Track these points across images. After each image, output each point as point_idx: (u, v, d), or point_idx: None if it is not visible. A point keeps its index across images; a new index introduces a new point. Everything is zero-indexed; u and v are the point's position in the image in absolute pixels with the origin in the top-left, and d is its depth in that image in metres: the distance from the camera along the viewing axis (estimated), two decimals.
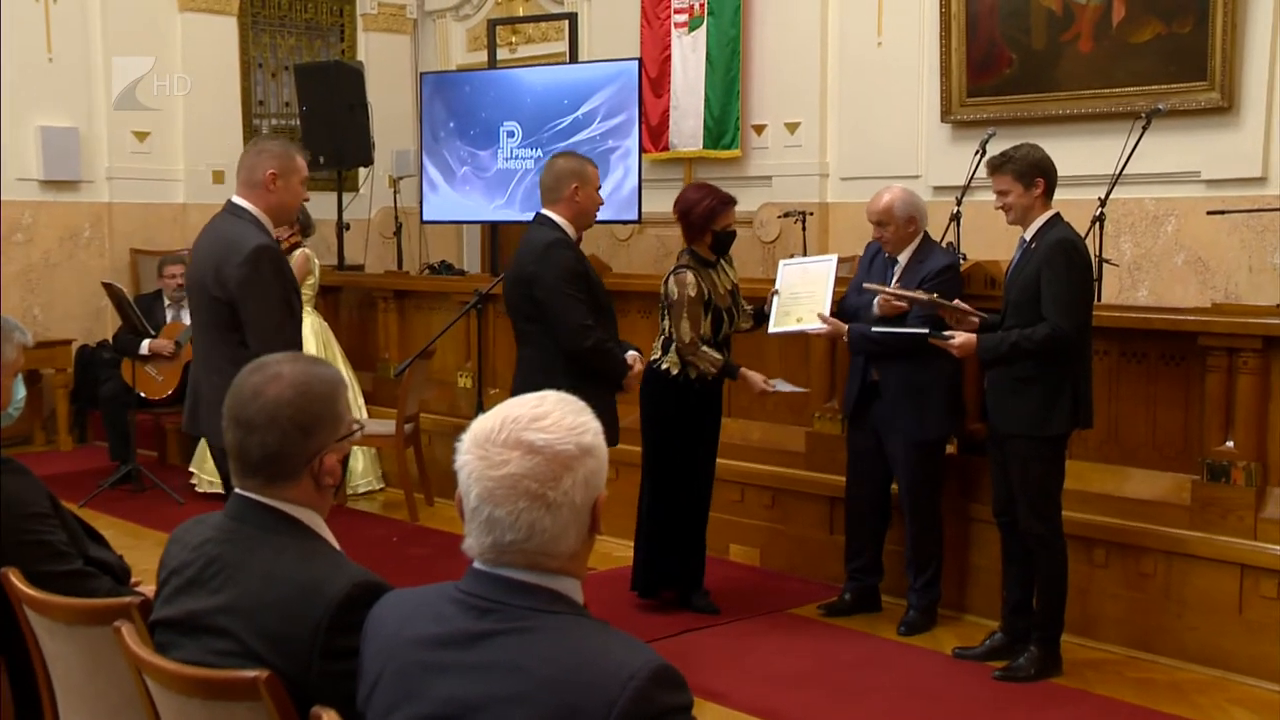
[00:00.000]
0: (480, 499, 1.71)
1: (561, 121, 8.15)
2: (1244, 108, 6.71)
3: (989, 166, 4.52)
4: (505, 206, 8.40)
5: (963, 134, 7.66)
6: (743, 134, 8.72)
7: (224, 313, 3.85)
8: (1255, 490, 4.51)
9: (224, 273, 3.82)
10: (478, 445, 1.73)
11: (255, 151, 3.98)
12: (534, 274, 4.44)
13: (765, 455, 5.88)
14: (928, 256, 4.90)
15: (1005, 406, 4.43)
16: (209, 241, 3.98)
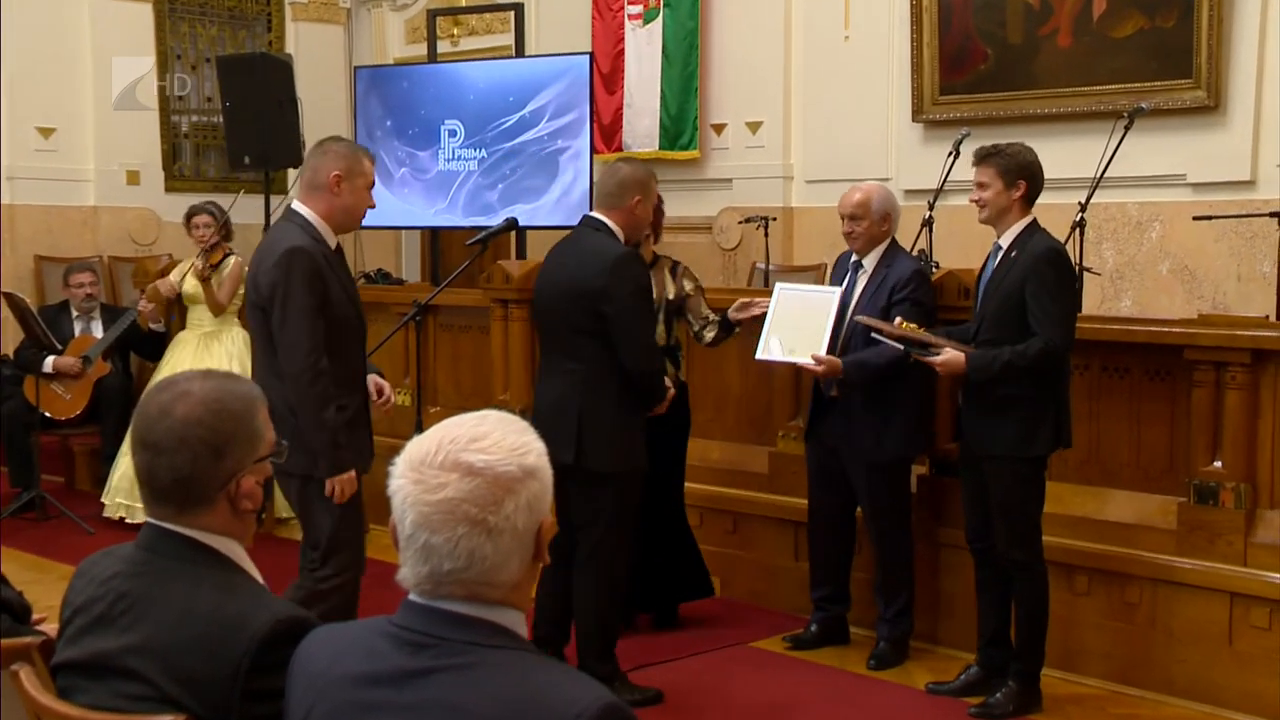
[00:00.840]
0: (416, 525, 1.71)
1: (507, 120, 8.15)
2: (1231, 106, 6.82)
3: (976, 155, 4.56)
4: (447, 211, 8.39)
5: (935, 134, 7.73)
6: (701, 134, 8.76)
7: (263, 319, 3.96)
8: (1245, 513, 4.58)
9: (260, 277, 3.95)
10: (413, 468, 1.72)
11: (320, 151, 4.02)
12: (604, 288, 4.38)
13: (725, 477, 5.90)
14: (894, 262, 4.94)
15: (984, 426, 4.47)
16: (260, 247, 4.09)
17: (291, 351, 3.90)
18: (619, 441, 4.48)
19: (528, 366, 6.51)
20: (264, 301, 3.94)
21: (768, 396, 5.85)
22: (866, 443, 4.90)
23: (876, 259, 4.97)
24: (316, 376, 3.91)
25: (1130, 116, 5.77)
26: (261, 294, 3.95)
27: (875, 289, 4.90)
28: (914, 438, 4.99)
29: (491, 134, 8.22)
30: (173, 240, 8.96)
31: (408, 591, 1.76)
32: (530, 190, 8.19)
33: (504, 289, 6.50)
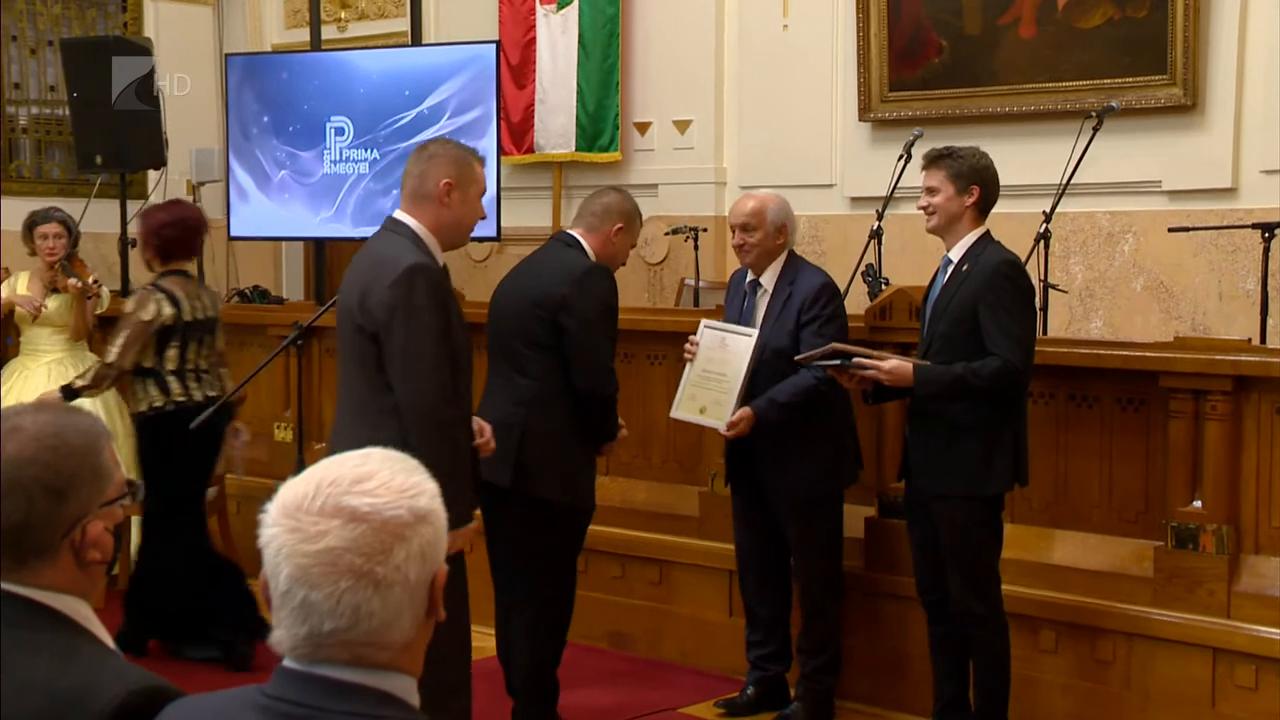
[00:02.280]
0: (292, 580, 1.69)
1: (402, 117, 8.12)
2: (1210, 106, 6.97)
3: (926, 158, 4.63)
4: (333, 220, 8.33)
5: (884, 135, 7.83)
6: (623, 134, 8.79)
7: (370, 349, 3.87)
8: (1228, 558, 4.66)
9: (373, 294, 3.86)
10: (288, 514, 1.71)
11: (426, 156, 4.02)
12: (566, 299, 4.55)
13: (651, 521, 5.91)
14: (798, 276, 4.97)
15: (936, 461, 4.51)
16: (358, 263, 4.02)
17: (421, 385, 3.83)
18: (566, 468, 4.59)
19: None
20: (376, 326, 3.85)
21: (698, 431, 5.87)
22: (788, 478, 4.93)
23: (776, 275, 5.00)
24: (455, 417, 3.88)
25: (1099, 116, 5.88)
26: (372, 317, 3.86)
27: (780, 310, 4.93)
28: (837, 468, 5.01)
29: (385, 132, 8.18)
30: (8, 252, 8.81)
31: (282, 656, 1.74)
32: None
33: None
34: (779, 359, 4.87)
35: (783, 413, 4.84)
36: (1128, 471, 4.92)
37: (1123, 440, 4.92)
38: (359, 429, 3.86)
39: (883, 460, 5.34)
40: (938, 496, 4.53)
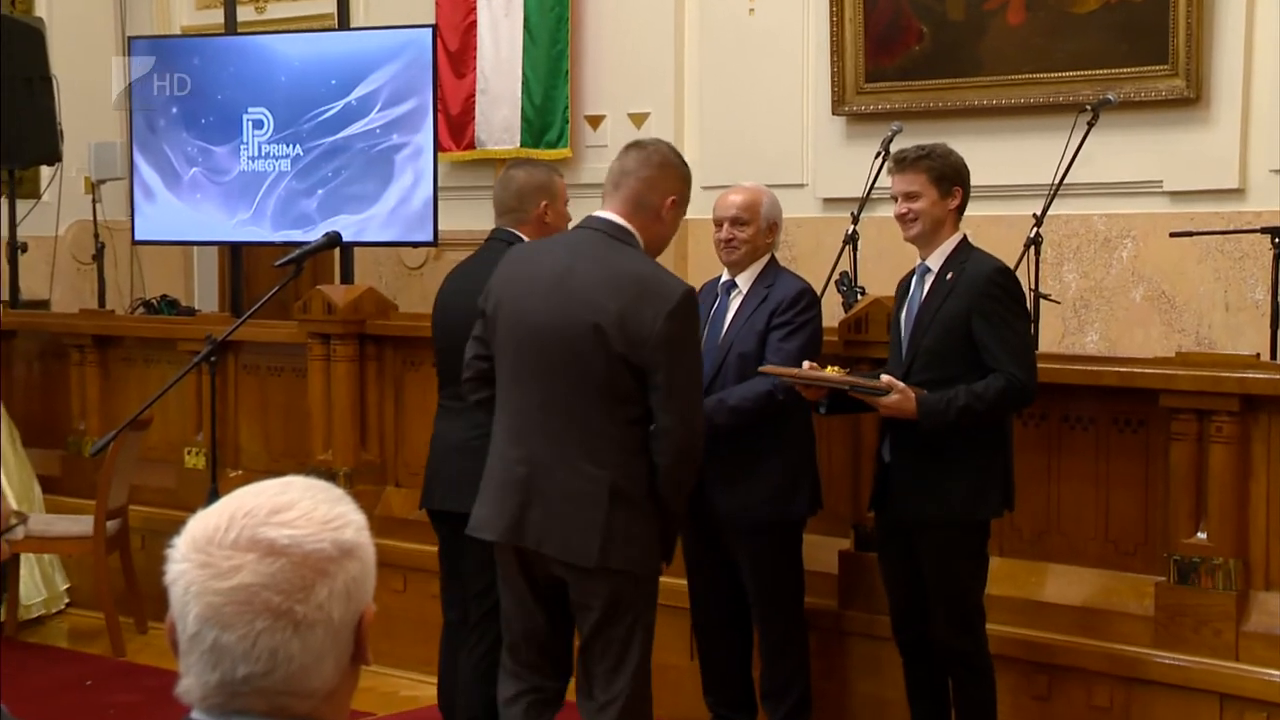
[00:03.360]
0: (202, 621, 1.69)
1: (329, 109, 8.11)
2: (1215, 99, 7.02)
3: (896, 161, 4.67)
4: (251, 222, 8.31)
5: (860, 130, 7.86)
6: (573, 128, 8.80)
7: (624, 378, 3.98)
8: (1236, 595, 4.69)
9: (641, 323, 3.96)
10: (198, 549, 1.71)
11: (657, 163, 4.25)
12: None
13: None
14: (777, 280, 5.00)
15: (923, 487, 4.53)
16: (593, 276, 4.04)
17: (694, 421, 4.12)
18: None
19: (355, 418, 6.48)
20: (645, 357, 3.96)
21: None
22: (735, 499, 4.90)
23: (754, 277, 5.02)
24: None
25: (1094, 110, 5.93)
26: (643, 348, 3.97)
27: (752, 312, 4.95)
28: (789, 495, 4.98)
29: (308, 126, 8.16)
30: None
31: (191, 707, 1.74)
32: (358, 198, 8.14)
33: (325, 321, 6.46)
34: (744, 364, 4.88)
35: (731, 417, 4.82)
36: (1125, 499, 4.96)
37: (1120, 465, 4.96)
38: (581, 462, 4.00)
39: (859, 489, 5.35)
40: (923, 525, 4.54)
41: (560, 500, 4.01)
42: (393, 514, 6.43)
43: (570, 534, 4.01)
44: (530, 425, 4.09)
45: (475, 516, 4.17)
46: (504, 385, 4.12)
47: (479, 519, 4.16)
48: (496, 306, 4.13)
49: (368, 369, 6.56)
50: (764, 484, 4.91)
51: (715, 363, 4.91)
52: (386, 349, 6.57)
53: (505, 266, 4.24)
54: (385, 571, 5.99)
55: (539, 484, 4.04)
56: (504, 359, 4.11)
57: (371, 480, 6.53)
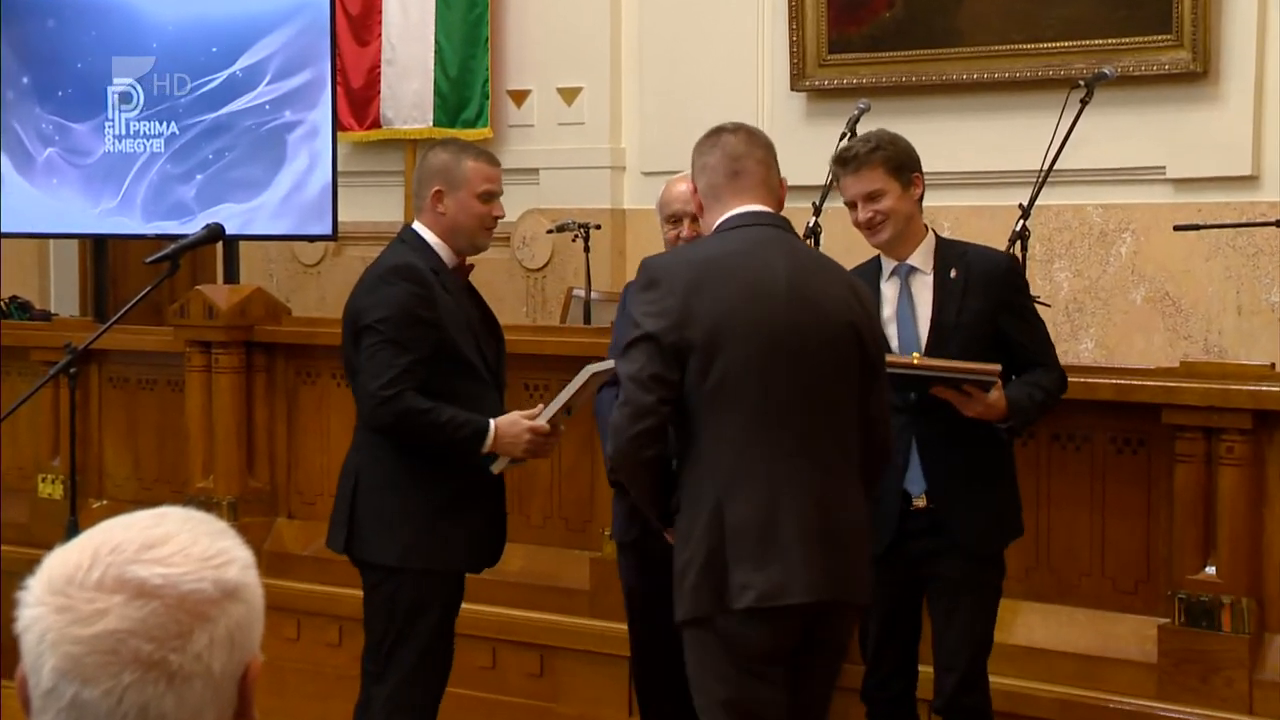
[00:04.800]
0: (59, 674, 1.67)
1: (210, 80, 8.07)
2: (1225, 74, 7.09)
3: (842, 161, 4.67)
4: (118, 212, 8.25)
5: (822, 108, 7.90)
6: (494, 105, 8.80)
7: (862, 385, 4.07)
8: (1249, 639, 4.72)
9: (875, 322, 4.25)
10: (56, 590, 1.69)
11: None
12: (359, 309, 4.80)
13: (529, 595, 5.91)
14: None
15: (961, 516, 4.51)
16: (811, 266, 4.12)
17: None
18: (392, 529, 4.73)
19: (240, 439, 6.45)
20: (878, 351, 4.16)
21: (589, 482, 5.88)
22: None
23: None
24: None
25: (1089, 86, 5.96)
26: (879, 342, 4.21)
27: None
28: None
29: (185, 101, 8.12)
30: None
31: None
32: (244, 184, 8.11)
33: (206, 326, 6.42)
34: None
35: None
36: (1124, 530, 4.98)
37: (1117, 491, 4.99)
38: (852, 491, 4.02)
39: None
40: (949, 553, 4.51)
41: (848, 542, 4.00)
42: (285, 550, 6.40)
43: (857, 574, 4.04)
44: (807, 462, 3.98)
45: (768, 582, 3.91)
46: (743, 423, 3.95)
47: (774, 584, 3.91)
48: (718, 332, 3.93)
49: (255, 382, 6.52)
50: None
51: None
52: (278, 359, 6.54)
53: (696, 284, 3.99)
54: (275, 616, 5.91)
55: (832, 531, 3.97)
56: (741, 389, 3.94)
57: (260, 511, 6.49)
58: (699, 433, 3.92)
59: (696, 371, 3.89)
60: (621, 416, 3.92)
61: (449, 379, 4.71)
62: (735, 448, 3.91)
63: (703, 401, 3.90)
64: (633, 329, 3.95)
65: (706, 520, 3.89)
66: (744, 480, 3.91)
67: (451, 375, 4.71)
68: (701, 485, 3.93)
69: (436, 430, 4.64)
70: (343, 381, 5.62)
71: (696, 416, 3.91)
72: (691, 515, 3.93)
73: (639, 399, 3.88)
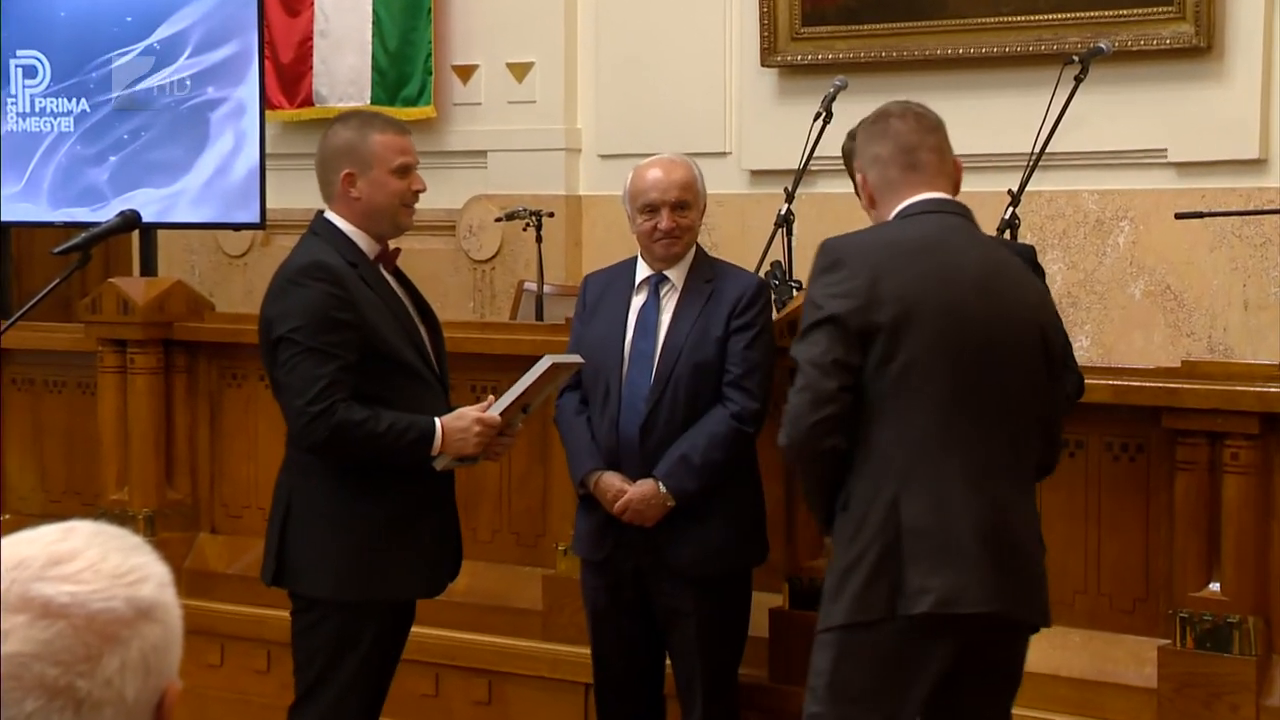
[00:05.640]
0: None
1: (124, 53, 8.03)
2: (1230, 49, 7.11)
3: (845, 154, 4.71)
4: (22, 197, 8.20)
5: (795, 85, 7.91)
6: (438, 81, 8.79)
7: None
8: (1256, 662, 4.73)
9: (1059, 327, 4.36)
10: None
11: None
12: (269, 318, 4.74)
13: (476, 616, 5.90)
14: (716, 273, 5.08)
15: None
16: (1007, 262, 4.22)
17: None
18: (325, 558, 4.70)
19: (158, 446, 6.42)
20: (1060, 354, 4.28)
21: (541, 491, 5.87)
22: (687, 552, 4.97)
23: (687, 269, 5.07)
24: None
25: (1084, 62, 5.98)
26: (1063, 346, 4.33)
27: (700, 313, 4.99)
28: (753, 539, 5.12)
29: (97, 75, 8.08)
30: None
31: None
32: (163, 167, 8.08)
33: (121, 323, 6.39)
34: (699, 377, 4.92)
35: (704, 478, 4.92)
36: (1122, 544, 5.00)
37: (1114, 501, 5.00)
38: (1029, 503, 4.15)
39: (794, 531, 5.39)
40: None
41: (1026, 552, 4.08)
42: (207, 568, 6.38)
43: (1035, 591, 4.12)
44: (985, 460, 4.03)
45: (947, 587, 3.94)
46: (925, 413, 3.98)
47: (953, 589, 3.94)
48: (907, 315, 3.96)
49: (175, 384, 6.50)
50: (724, 527, 5.01)
51: (662, 375, 4.97)
52: (200, 359, 6.51)
53: (884, 265, 4.02)
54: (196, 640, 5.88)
55: (1008, 536, 4.03)
56: (926, 378, 3.97)
57: (179, 525, 6.48)
58: (875, 423, 3.94)
59: (879, 357, 3.92)
60: (801, 403, 3.93)
61: (384, 382, 4.67)
62: (915, 440, 3.94)
63: (883, 389, 3.92)
64: (813, 311, 3.95)
65: (881, 518, 3.91)
66: (923, 476, 3.95)
67: (386, 377, 4.67)
68: (875, 479, 3.95)
69: (377, 440, 4.60)
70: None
71: (874, 405, 3.93)
72: (861, 512, 3.95)
73: (821, 384, 3.89)
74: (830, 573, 4.04)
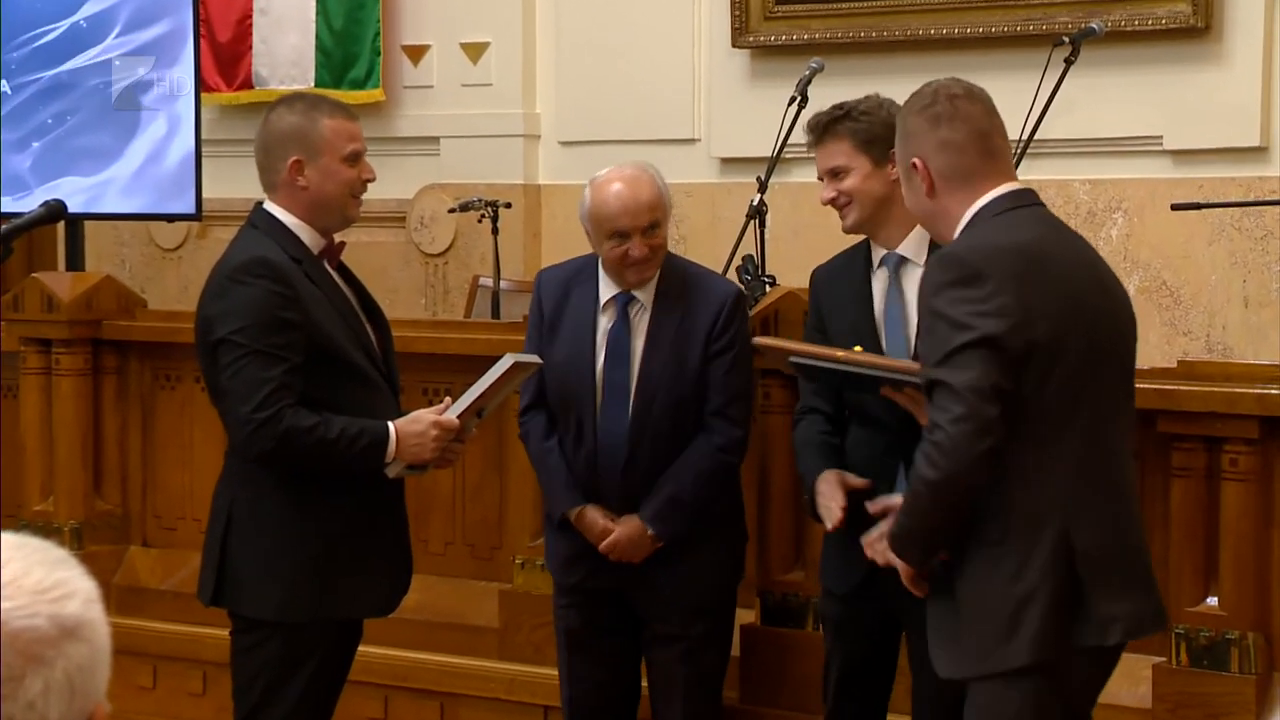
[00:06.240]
0: None
1: (47, 32, 8.02)
2: (1229, 30, 7.13)
3: (810, 129, 4.71)
4: None
5: (769, 67, 7.92)
6: (386, 63, 8.78)
7: None
8: (1256, 680, 4.75)
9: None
10: None
11: None
12: (208, 319, 4.69)
13: (428, 634, 5.91)
14: (687, 284, 5.02)
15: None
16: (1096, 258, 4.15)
17: None
18: (270, 576, 4.66)
19: (86, 453, 6.40)
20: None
21: (497, 501, 5.87)
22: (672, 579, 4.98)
23: (654, 286, 5.01)
24: None
25: (1074, 43, 6.01)
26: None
27: (673, 337, 4.96)
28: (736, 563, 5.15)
29: (18, 55, 8.06)
30: None
31: None
32: (90, 154, 8.06)
33: (45, 321, 6.37)
34: (679, 415, 4.92)
35: (690, 519, 4.93)
36: None
37: None
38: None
39: (767, 544, 5.41)
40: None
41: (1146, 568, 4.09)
42: (139, 583, 6.37)
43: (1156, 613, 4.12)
44: (1125, 472, 4.07)
45: (1131, 613, 3.97)
46: (1080, 431, 3.95)
47: (1135, 615, 3.98)
48: (1058, 330, 3.91)
49: (104, 386, 6.48)
50: (710, 557, 5.03)
51: (640, 411, 4.94)
52: (131, 359, 6.50)
53: (1024, 276, 3.95)
54: (127, 661, 5.89)
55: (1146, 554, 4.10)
56: (1082, 396, 3.95)
57: (109, 538, 6.46)
58: (1030, 448, 3.87)
59: (1036, 377, 3.85)
60: (962, 433, 3.78)
61: (331, 385, 4.63)
62: (1077, 463, 3.90)
63: (1040, 410, 3.86)
64: (959, 331, 3.82)
65: (1050, 550, 3.86)
66: (1090, 500, 3.93)
67: (333, 380, 4.64)
68: (1037, 508, 3.89)
69: (328, 448, 4.56)
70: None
71: (1029, 429, 3.86)
72: (1024, 544, 3.88)
73: (985, 412, 3.78)
74: (974, 611, 3.93)
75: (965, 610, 3.92)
